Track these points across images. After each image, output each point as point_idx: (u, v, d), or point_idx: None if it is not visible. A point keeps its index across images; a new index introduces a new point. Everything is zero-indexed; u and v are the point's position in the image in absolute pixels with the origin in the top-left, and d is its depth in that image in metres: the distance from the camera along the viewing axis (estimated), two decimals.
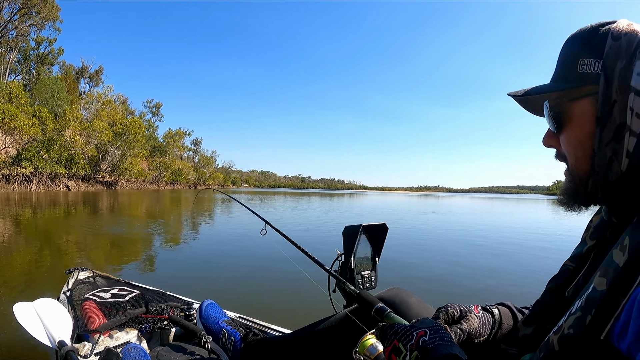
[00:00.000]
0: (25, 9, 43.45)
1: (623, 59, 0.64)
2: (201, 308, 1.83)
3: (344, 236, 1.65)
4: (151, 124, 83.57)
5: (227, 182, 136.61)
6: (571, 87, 0.71)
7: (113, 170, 50.56)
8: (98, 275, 2.37)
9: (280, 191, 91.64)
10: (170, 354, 1.64)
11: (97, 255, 6.06)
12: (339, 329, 1.35)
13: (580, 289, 0.73)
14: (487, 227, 13.45)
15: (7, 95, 32.92)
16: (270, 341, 1.56)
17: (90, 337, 1.68)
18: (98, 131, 45.75)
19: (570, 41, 0.73)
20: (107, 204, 20.13)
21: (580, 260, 0.82)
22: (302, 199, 36.12)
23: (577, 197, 0.75)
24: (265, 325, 1.94)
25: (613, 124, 0.65)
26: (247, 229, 9.84)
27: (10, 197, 21.64)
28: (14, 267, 5.02)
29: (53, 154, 35.77)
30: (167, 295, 2.19)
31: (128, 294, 2.05)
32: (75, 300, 1.97)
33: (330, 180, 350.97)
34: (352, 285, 1.60)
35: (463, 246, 8.39)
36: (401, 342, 0.75)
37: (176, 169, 74.81)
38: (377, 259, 1.74)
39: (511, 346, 0.93)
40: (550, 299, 0.87)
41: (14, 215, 12.25)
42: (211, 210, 17.67)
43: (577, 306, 0.62)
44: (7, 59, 46.94)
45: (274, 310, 3.54)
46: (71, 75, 59.49)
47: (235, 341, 1.60)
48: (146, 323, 1.83)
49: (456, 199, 57.60)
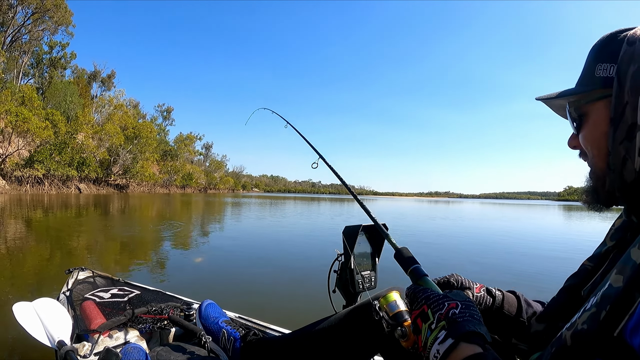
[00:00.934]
0: (39, 13, 44.19)
1: (636, 62, 0.67)
2: (201, 308, 1.81)
3: (344, 236, 1.62)
4: (162, 128, 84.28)
5: (237, 186, 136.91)
6: (588, 90, 0.75)
7: (124, 174, 51.00)
8: (98, 275, 2.37)
9: (291, 196, 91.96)
10: (169, 354, 1.63)
11: (108, 256, 6.11)
12: (338, 329, 1.34)
13: (597, 288, 0.72)
14: (493, 230, 13.36)
15: (21, 99, 33.37)
16: (269, 341, 1.54)
17: (90, 337, 1.68)
18: (110, 135, 46.22)
19: (592, 48, 0.76)
20: (118, 207, 20.32)
21: (599, 260, 0.83)
22: (312, 204, 36.16)
23: (597, 196, 0.78)
24: (264, 325, 1.93)
25: (625, 124, 0.68)
26: (255, 231, 9.85)
27: (22, 199, 21.94)
28: (24, 266, 5.07)
29: (65, 157, 36.19)
30: (167, 295, 2.18)
31: (128, 294, 2.05)
32: (75, 300, 1.97)
33: (340, 185, 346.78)
34: (352, 285, 1.61)
35: (467, 247, 8.34)
36: (430, 309, 0.74)
37: (187, 173, 75.28)
38: (377, 259, 1.72)
39: (522, 341, 0.95)
40: (565, 297, 0.87)
41: (25, 216, 12.41)
42: (221, 213, 17.74)
43: (592, 303, 0.62)
44: (20, 63, 47.66)
45: (274, 310, 3.53)
46: (83, 79, 60.21)
47: (234, 341, 1.59)
48: (146, 323, 1.82)
49: (466, 205, 57.50)
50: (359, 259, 1.66)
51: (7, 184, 28.27)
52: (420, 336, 0.74)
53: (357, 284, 1.61)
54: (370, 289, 1.64)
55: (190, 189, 78.06)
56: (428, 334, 0.71)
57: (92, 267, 2.48)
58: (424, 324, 0.73)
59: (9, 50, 43.58)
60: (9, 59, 38.60)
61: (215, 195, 58.80)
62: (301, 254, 7.16)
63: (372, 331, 1.26)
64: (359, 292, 1.62)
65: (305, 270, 5.50)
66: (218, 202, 29.59)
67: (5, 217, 11.86)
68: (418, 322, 0.75)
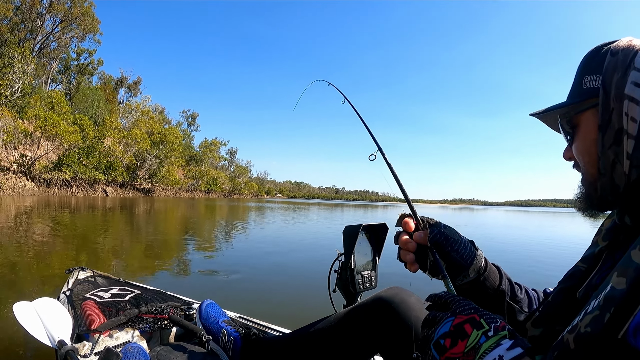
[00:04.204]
0: (66, 21, 45.49)
1: (619, 71, 0.72)
2: (201, 308, 1.82)
3: (344, 236, 1.63)
4: (187, 133, 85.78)
5: (261, 192, 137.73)
6: (576, 101, 0.80)
7: (150, 178, 51.86)
8: (98, 275, 2.38)
9: (314, 202, 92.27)
10: (170, 354, 1.63)
11: (133, 257, 6.20)
12: (338, 329, 1.33)
13: (592, 289, 0.72)
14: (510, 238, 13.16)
15: (50, 104, 34.33)
16: (270, 341, 1.55)
17: (90, 337, 1.68)
18: (136, 140, 47.08)
19: (580, 63, 0.82)
20: (144, 210, 20.72)
21: (592, 261, 0.83)
22: (335, 210, 36.19)
23: (590, 202, 0.81)
24: (265, 325, 1.92)
25: (612, 129, 0.72)
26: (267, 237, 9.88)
27: (50, 200, 22.50)
28: (52, 266, 5.19)
29: (93, 161, 37.04)
30: (167, 295, 2.18)
31: (128, 293, 2.05)
32: (75, 299, 1.98)
33: (364, 191, 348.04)
34: (352, 285, 1.60)
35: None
36: (483, 319, 0.70)
37: (211, 178, 76.14)
38: (377, 258, 1.72)
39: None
40: (560, 300, 0.86)
41: (53, 216, 12.79)
42: (245, 219, 17.90)
43: (594, 305, 0.61)
44: (48, 69, 49.07)
45: (274, 310, 3.53)
46: (110, 86, 61.74)
47: (235, 341, 1.59)
48: (146, 323, 1.81)
49: (491, 212, 56.90)
50: (359, 258, 1.65)
51: (35, 186, 29.09)
52: (463, 341, 0.70)
53: (357, 283, 1.60)
54: (370, 289, 1.64)
55: (215, 194, 78.83)
56: (482, 340, 0.67)
57: (85, 266, 2.50)
58: (475, 330, 0.69)
59: (38, 57, 44.89)
60: (37, 66, 39.69)
61: (239, 200, 59.40)
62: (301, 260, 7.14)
63: (372, 331, 1.25)
64: (359, 291, 1.62)
65: (304, 270, 5.49)
66: (242, 207, 29.87)
67: (34, 217, 12.23)
68: (466, 327, 0.70)
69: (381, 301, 1.26)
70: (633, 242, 0.62)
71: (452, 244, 0.97)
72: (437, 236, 0.96)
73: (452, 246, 0.97)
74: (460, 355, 0.68)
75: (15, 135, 30.09)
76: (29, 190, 27.65)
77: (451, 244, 0.97)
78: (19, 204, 17.19)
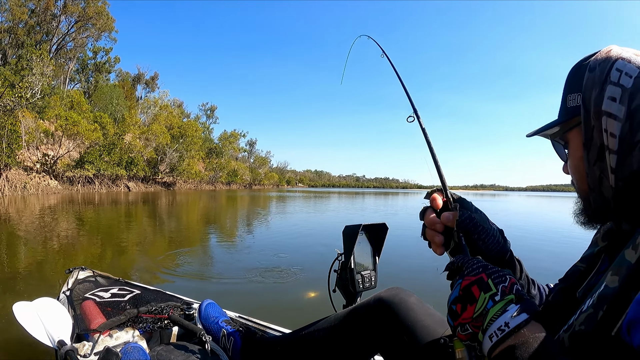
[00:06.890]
0: (82, 21, 46.09)
1: (597, 87, 0.72)
2: (201, 308, 1.83)
3: (344, 236, 1.63)
4: (206, 126, 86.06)
5: (281, 182, 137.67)
6: (561, 121, 0.82)
7: (171, 172, 52.37)
8: (98, 275, 2.39)
9: (335, 190, 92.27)
10: (169, 354, 1.62)
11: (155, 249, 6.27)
12: (338, 329, 1.33)
13: (591, 289, 0.72)
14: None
15: (69, 103, 34.88)
16: (270, 341, 1.56)
17: (90, 337, 1.68)
18: (156, 135, 47.54)
19: (565, 80, 0.82)
20: (166, 202, 21.00)
21: (591, 261, 0.83)
22: (356, 198, 36.13)
23: (586, 216, 0.82)
24: (265, 325, 1.90)
25: (595, 146, 0.73)
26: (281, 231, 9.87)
27: (73, 197, 22.94)
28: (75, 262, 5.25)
29: (114, 157, 37.55)
30: (167, 295, 2.18)
31: (128, 293, 2.06)
32: (75, 299, 1.98)
33: (384, 179, 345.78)
34: (352, 285, 1.58)
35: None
36: (491, 279, 0.69)
37: (232, 170, 76.48)
38: (377, 258, 1.71)
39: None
40: (560, 299, 0.86)
41: (77, 212, 13.10)
42: (266, 208, 17.98)
43: (589, 304, 0.63)
44: (66, 69, 49.83)
45: (274, 310, 3.51)
46: (128, 82, 62.39)
47: (235, 341, 1.60)
48: (146, 323, 1.81)
49: (513, 197, 56.04)
50: (359, 258, 1.64)
51: (59, 184, 29.61)
52: (471, 305, 0.68)
53: (357, 283, 1.60)
54: (370, 289, 1.64)
55: (236, 185, 79.24)
56: (489, 305, 0.66)
57: (85, 266, 2.50)
58: (482, 293, 0.67)
59: (55, 57, 45.54)
60: (55, 66, 40.24)
61: (260, 191, 59.71)
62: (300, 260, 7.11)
63: (372, 331, 1.25)
64: (359, 291, 1.61)
65: (305, 271, 5.48)
66: (263, 197, 29.99)
67: (58, 213, 12.51)
68: (473, 290, 0.68)
69: (381, 301, 1.25)
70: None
71: (479, 232, 0.91)
72: (466, 221, 0.90)
73: (480, 234, 0.91)
74: (470, 320, 0.67)
75: (37, 135, 30.63)
76: (53, 188, 28.16)
77: (479, 231, 0.91)
78: (43, 202, 17.55)
